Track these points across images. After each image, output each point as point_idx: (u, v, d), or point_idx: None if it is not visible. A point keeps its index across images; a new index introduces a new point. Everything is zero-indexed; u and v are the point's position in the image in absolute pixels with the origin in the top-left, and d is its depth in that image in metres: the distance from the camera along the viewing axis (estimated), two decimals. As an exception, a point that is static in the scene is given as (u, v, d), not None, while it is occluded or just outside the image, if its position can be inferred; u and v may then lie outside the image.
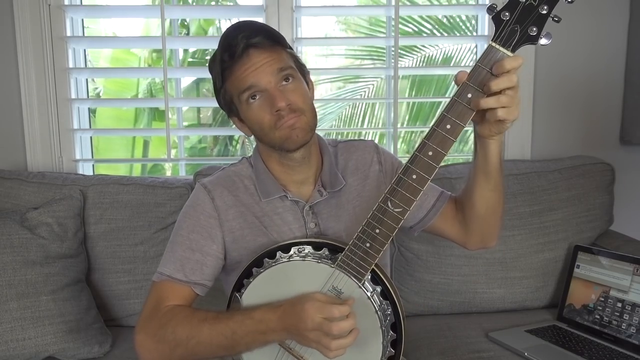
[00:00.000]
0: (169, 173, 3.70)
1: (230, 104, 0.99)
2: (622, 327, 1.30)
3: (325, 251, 0.90)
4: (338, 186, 1.04)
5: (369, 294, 0.87)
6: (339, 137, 2.26)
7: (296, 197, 1.02)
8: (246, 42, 0.92)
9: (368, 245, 0.84)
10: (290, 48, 1.00)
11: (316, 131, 1.02)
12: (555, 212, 1.57)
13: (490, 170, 0.94)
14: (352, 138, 1.14)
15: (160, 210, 1.51)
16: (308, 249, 0.91)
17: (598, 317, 1.36)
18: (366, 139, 1.17)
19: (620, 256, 1.36)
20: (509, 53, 0.77)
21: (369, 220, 0.84)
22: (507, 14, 0.76)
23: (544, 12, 0.76)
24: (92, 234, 1.48)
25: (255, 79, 0.92)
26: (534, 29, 0.76)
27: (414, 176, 0.82)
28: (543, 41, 0.77)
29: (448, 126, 0.80)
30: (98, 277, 1.49)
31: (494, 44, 0.77)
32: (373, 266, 0.86)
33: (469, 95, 0.78)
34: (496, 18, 0.77)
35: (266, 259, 0.92)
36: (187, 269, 0.98)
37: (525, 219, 1.56)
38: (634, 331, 1.28)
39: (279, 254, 0.92)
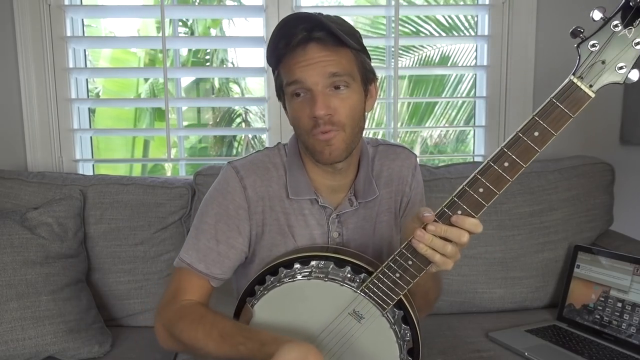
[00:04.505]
0: (169, 173, 3.70)
1: (280, 88, 0.93)
2: (622, 327, 1.30)
3: (348, 269, 0.86)
4: (371, 196, 0.98)
5: (391, 322, 0.84)
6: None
7: (326, 202, 0.97)
8: (307, 34, 0.84)
9: (398, 275, 0.80)
10: (361, 48, 0.91)
11: None
12: (555, 212, 1.57)
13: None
14: (393, 142, 1.10)
15: (160, 210, 1.51)
16: (330, 265, 0.86)
17: (598, 317, 1.36)
18: (406, 146, 1.09)
19: (620, 256, 1.36)
20: (590, 93, 0.67)
21: (403, 250, 0.79)
22: (596, 44, 0.66)
23: (639, 47, 0.64)
24: (92, 234, 1.48)
25: (302, 75, 0.85)
26: (623, 65, 0.65)
27: (459, 212, 0.75)
28: (630, 79, 0.66)
29: (506, 164, 0.73)
30: (98, 277, 1.49)
31: (575, 80, 0.68)
32: (401, 296, 0.82)
33: (536, 134, 0.72)
34: (581, 47, 0.67)
35: (282, 269, 0.88)
36: (208, 260, 0.95)
37: (525, 219, 1.56)
38: (634, 331, 1.28)
39: (296, 265, 0.87)
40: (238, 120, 4.58)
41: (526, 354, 1.23)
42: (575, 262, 1.46)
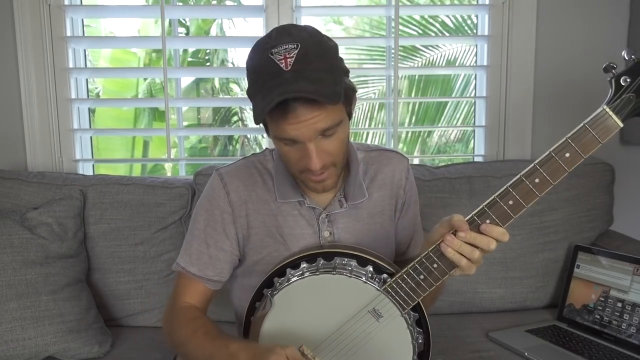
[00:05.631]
0: (169, 173, 3.70)
1: (263, 123, 0.90)
2: (622, 327, 1.30)
3: (370, 268, 0.87)
4: (360, 199, 1.01)
5: (409, 323, 0.86)
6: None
7: (313, 203, 0.99)
8: (292, 100, 0.80)
9: (422, 277, 0.82)
10: (344, 72, 0.88)
11: None
12: (555, 212, 1.57)
13: None
14: (385, 147, 1.13)
15: (160, 210, 1.51)
16: (352, 262, 0.88)
17: (598, 317, 1.36)
18: (398, 150, 1.13)
19: (620, 256, 1.36)
20: (619, 122, 0.74)
21: (430, 253, 0.81)
22: (627, 79, 0.74)
23: None
24: (92, 234, 1.48)
25: (294, 133, 0.83)
26: None
27: (488, 221, 0.79)
28: None
29: (537, 180, 0.78)
30: (98, 277, 1.49)
31: (608, 110, 0.75)
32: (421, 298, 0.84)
33: (567, 155, 0.76)
34: (614, 81, 0.75)
35: (304, 262, 0.89)
36: (201, 264, 1.00)
37: (525, 219, 1.56)
38: (634, 331, 1.28)
39: (319, 260, 0.89)
40: (235, 119, 4.57)
41: (526, 354, 1.23)
42: (575, 262, 1.46)
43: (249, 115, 4.57)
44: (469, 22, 3.44)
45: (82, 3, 1.85)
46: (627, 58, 0.75)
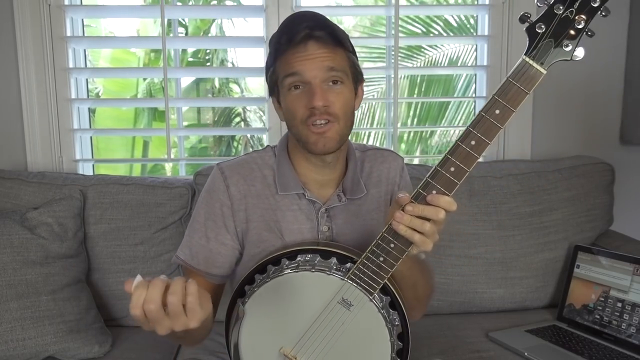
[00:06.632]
0: (169, 173, 3.70)
1: (274, 84, 0.98)
2: (622, 327, 1.30)
3: (333, 260, 0.88)
4: (359, 194, 1.03)
5: (379, 307, 0.86)
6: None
7: (314, 197, 1.00)
8: (309, 32, 0.89)
9: (382, 259, 0.83)
10: (353, 52, 0.97)
11: None
12: (555, 212, 1.57)
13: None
14: (381, 146, 1.14)
15: (160, 210, 1.51)
16: (316, 258, 0.89)
17: (598, 317, 1.36)
18: (394, 150, 1.14)
19: (620, 256, 1.36)
20: (542, 70, 0.74)
21: (384, 234, 0.82)
22: (542, 26, 0.73)
23: (580, 26, 0.72)
24: (92, 234, 1.48)
25: (302, 67, 0.90)
26: (568, 43, 0.73)
27: (434, 192, 0.79)
28: (576, 57, 0.74)
29: (472, 142, 0.77)
30: (98, 277, 1.49)
31: (527, 60, 0.74)
32: (385, 281, 0.84)
33: (497, 112, 0.76)
34: (530, 30, 0.74)
35: (270, 266, 0.90)
36: (200, 258, 1.00)
37: (525, 219, 1.56)
38: (634, 331, 1.28)
39: (283, 261, 0.89)
40: (237, 119, 4.58)
41: (526, 354, 1.24)
42: (575, 262, 1.46)
43: (248, 116, 4.57)
44: (471, 21, 3.45)
45: (82, 3, 1.85)
46: (540, 5, 0.74)
